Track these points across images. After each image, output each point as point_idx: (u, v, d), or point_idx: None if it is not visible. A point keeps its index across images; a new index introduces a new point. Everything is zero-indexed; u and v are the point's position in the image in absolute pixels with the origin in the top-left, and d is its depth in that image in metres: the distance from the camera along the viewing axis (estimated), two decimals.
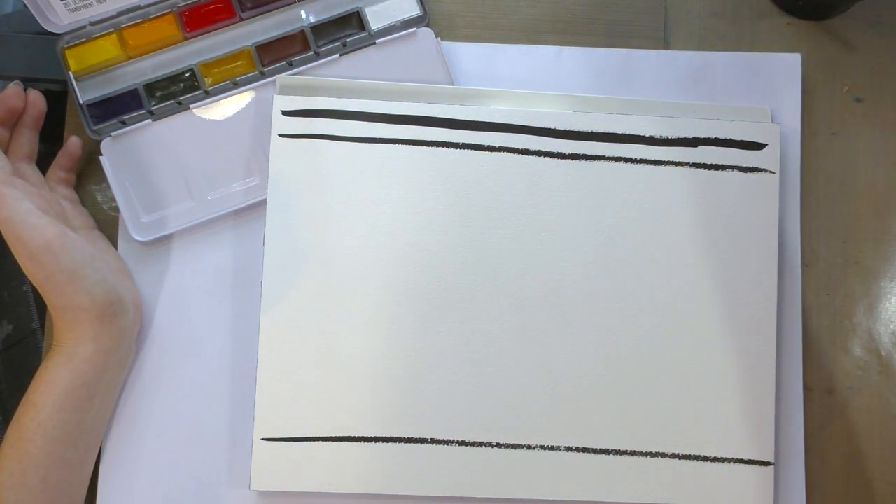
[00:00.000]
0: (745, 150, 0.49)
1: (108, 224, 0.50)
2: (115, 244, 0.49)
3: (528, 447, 0.47)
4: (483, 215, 0.48)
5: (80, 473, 0.45)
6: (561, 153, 0.49)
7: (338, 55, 0.50)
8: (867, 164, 0.52)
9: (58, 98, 0.50)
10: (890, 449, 0.50)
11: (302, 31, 0.50)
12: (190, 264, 0.49)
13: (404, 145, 0.48)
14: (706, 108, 0.50)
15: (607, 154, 0.49)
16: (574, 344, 0.48)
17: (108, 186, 0.49)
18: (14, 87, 0.47)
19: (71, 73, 0.49)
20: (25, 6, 0.47)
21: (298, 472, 0.46)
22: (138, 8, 0.49)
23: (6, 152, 0.47)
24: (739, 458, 0.47)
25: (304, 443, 0.46)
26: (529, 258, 0.48)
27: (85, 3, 0.48)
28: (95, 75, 0.50)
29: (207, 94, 0.50)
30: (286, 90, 0.49)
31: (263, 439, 0.46)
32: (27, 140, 0.47)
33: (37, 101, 0.48)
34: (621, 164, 0.49)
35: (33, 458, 0.42)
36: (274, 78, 0.50)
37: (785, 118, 0.51)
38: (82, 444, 0.45)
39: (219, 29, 0.50)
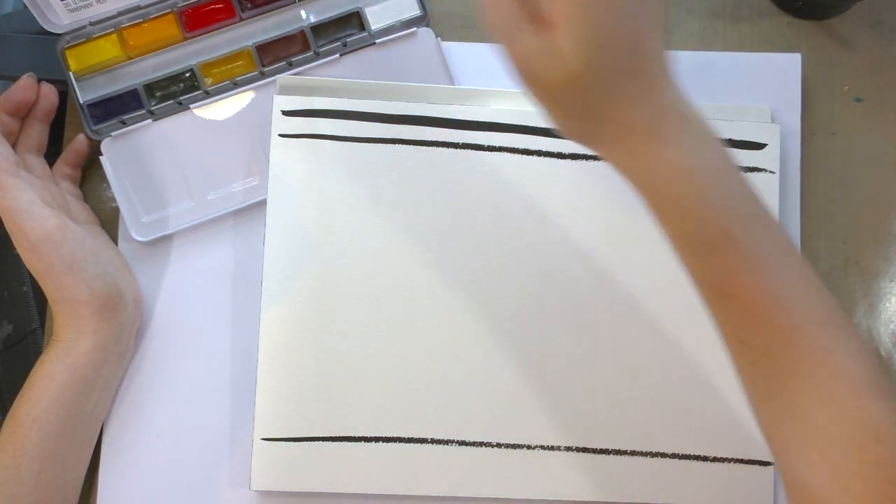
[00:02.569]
0: (745, 150, 0.49)
1: (108, 224, 0.50)
2: (115, 244, 0.49)
3: (528, 447, 0.47)
4: (483, 215, 0.48)
5: (74, 470, 0.45)
6: (561, 153, 0.49)
7: (338, 55, 0.50)
8: (867, 164, 0.52)
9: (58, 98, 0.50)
10: None
11: (302, 31, 0.50)
12: (190, 264, 0.49)
13: (404, 145, 0.48)
14: (706, 108, 0.50)
15: None
16: (574, 344, 0.48)
17: (109, 186, 0.49)
18: (27, 80, 0.47)
19: (71, 73, 0.49)
20: (25, 6, 0.47)
21: (298, 472, 0.46)
22: (138, 8, 0.49)
23: (16, 144, 0.47)
24: (739, 458, 0.47)
25: (304, 443, 0.46)
26: (530, 258, 0.48)
27: (85, 3, 0.48)
28: (95, 75, 0.50)
29: (207, 94, 0.50)
30: (286, 90, 0.49)
31: (263, 439, 0.46)
32: (36, 132, 0.48)
33: (48, 94, 0.48)
34: None
35: (28, 453, 0.42)
36: (274, 78, 0.50)
37: (785, 118, 0.51)
38: (78, 439, 0.45)
39: (219, 29, 0.50)
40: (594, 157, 0.49)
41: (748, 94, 0.51)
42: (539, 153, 0.49)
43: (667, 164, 0.34)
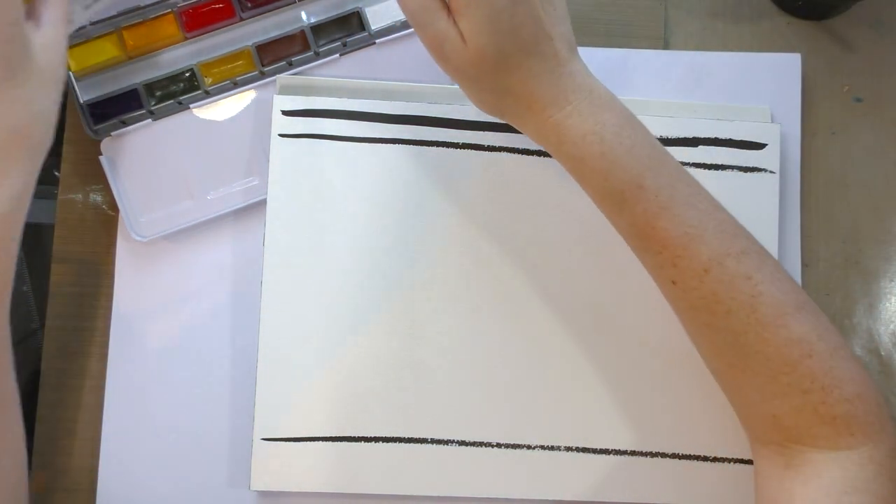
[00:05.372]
0: (745, 150, 0.49)
1: (108, 224, 0.50)
2: (114, 244, 0.49)
3: (528, 447, 0.47)
4: (483, 215, 0.48)
5: None
6: None
7: (338, 55, 0.50)
8: (867, 164, 0.52)
9: None
10: None
11: (302, 31, 0.50)
12: (190, 264, 0.49)
13: (404, 145, 0.48)
14: (706, 108, 0.50)
15: None
16: (574, 344, 0.48)
17: (108, 186, 0.49)
18: None
19: (71, 73, 0.49)
20: None
21: (298, 472, 0.46)
22: (138, 8, 0.49)
23: None
24: (739, 458, 0.47)
25: (304, 443, 0.46)
26: (529, 258, 0.48)
27: (85, 3, 0.48)
28: (95, 75, 0.50)
29: (207, 94, 0.50)
30: (286, 90, 0.49)
31: (263, 439, 0.46)
32: None
33: None
34: None
35: None
36: (274, 78, 0.50)
37: (785, 118, 0.51)
38: None
39: (219, 29, 0.50)
40: None
41: (748, 94, 0.51)
42: (539, 153, 0.49)
43: (573, 129, 0.38)
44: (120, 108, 0.49)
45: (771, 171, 0.49)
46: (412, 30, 0.50)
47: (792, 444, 0.38)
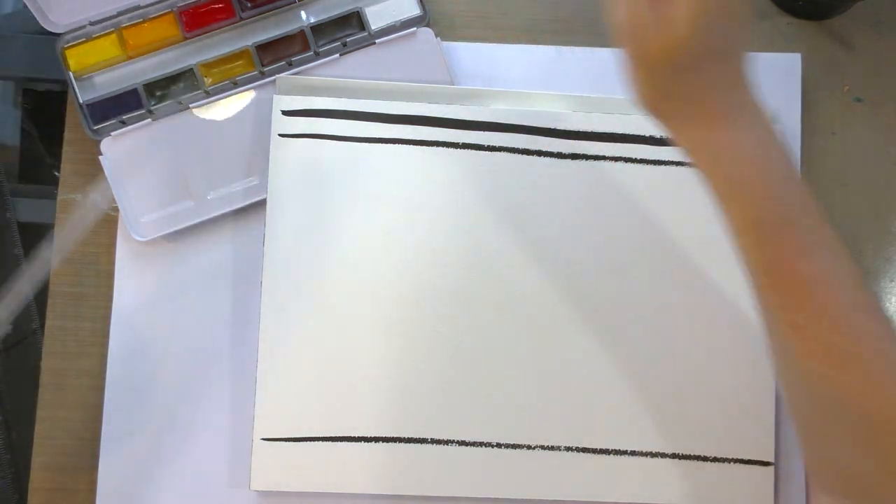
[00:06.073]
0: None
1: (108, 224, 0.50)
2: (114, 244, 0.49)
3: (528, 447, 0.47)
4: (483, 215, 0.48)
5: None
6: (561, 153, 0.49)
7: (338, 55, 0.50)
8: (867, 164, 0.52)
9: (58, 98, 0.50)
10: None
11: (302, 31, 0.50)
12: (190, 264, 0.49)
13: (404, 145, 0.48)
14: None
15: (607, 154, 0.49)
16: (574, 344, 0.48)
17: (108, 186, 0.49)
18: None
19: (71, 73, 0.49)
20: (25, 6, 0.47)
21: (298, 472, 0.46)
22: (138, 8, 0.49)
23: None
24: (739, 458, 0.47)
25: (304, 443, 0.46)
26: (529, 258, 0.48)
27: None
28: (95, 75, 0.50)
29: (207, 94, 0.50)
30: (286, 90, 0.49)
31: (263, 439, 0.46)
32: None
33: None
34: (621, 164, 0.49)
35: None
36: (274, 78, 0.50)
37: (785, 118, 0.51)
38: None
39: (219, 29, 0.50)
40: (594, 157, 0.49)
41: None
42: (539, 153, 0.49)
43: (736, 148, 0.35)
44: (120, 108, 0.49)
45: None
46: (412, 30, 0.50)
47: (862, 499, 0.36)
